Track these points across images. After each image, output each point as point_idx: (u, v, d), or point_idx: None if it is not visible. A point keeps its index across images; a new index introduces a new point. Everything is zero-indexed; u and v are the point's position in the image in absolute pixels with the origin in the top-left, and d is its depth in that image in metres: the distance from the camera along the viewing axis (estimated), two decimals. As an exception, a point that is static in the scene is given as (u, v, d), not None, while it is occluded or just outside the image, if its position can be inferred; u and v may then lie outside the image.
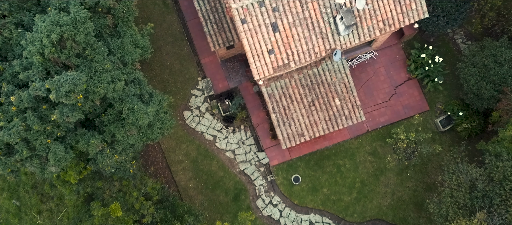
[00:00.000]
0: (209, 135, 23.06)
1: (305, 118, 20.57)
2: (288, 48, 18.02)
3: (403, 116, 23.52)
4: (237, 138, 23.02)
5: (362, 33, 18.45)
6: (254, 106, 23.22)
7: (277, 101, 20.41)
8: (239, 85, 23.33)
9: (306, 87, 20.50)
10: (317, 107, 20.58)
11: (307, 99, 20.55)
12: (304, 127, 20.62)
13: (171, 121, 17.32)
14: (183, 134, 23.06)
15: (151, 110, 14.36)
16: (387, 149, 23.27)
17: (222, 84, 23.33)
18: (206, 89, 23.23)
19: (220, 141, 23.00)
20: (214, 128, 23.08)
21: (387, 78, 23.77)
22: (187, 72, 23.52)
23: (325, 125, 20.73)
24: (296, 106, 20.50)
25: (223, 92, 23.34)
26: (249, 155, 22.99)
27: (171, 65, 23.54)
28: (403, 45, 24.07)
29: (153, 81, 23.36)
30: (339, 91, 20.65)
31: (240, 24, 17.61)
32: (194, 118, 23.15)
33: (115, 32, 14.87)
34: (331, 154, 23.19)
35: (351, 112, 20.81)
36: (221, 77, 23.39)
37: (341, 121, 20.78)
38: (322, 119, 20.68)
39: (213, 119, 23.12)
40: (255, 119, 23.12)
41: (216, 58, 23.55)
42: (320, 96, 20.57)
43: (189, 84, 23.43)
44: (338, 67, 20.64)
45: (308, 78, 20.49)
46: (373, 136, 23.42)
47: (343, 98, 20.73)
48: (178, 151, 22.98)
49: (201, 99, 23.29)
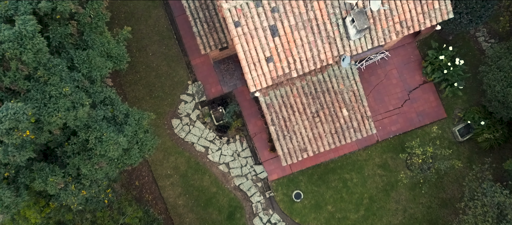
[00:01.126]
0: (200, 146, 20.63)
1: (308, 130, 18.12)
2: (290, 55, 15.43)
3: (417, 124, 21.06)
4: (231, 149, 20.61)
5: (376, 37, 15.83)
6: (251, 114, 20.73)
7: (277, 112, 17.93)
8: (234, 90, 20.81)
9: (310, 96, 17.99)
10: (322, 118, 18.11)
11: (311, 110, 18.07)
12: (307, 141, 18.18)
13: (153, 140, 14.88)
14: (172, 145, 20.64)
15: (123, 141, 11.88)
16: (398, 161, 20.89)
17: (215, 89, 20.81)
18: (197, 94, 20.71)
19: (213, 153, 20.59)
20: (206, 138, 20.64)
21: (399, 81, 21.23)
22: (176, 75, 20.97)
23: (331, 139, 18.28)
24: (298, 117, 18.03)
25: (216, 98, 20.82)
26: (245, 168, 20.61)
27: (157, 67, 20.97)
28: (418, 44, 21.45)
29: (137, 85, 20.83)
30: (347, 100, 18.15)
31: (233, 27, 14.99)
32: (184, 126, 20.69)
33: (82, 42, 12.30)
34: (336, 167, 20.82)
35: (361, 124, 18.35)
36: (214, 81, 20.85)
37: (349, 134, 18.33)
38: (328, 131, 18.23)
39: (205, 128, 20.67)
40: (252, 128, 20.67)
41: (208, 59, 20.96)
42: (325, 106, 18.08)
43: (178, 89, 20.91)
44: (346, 73, 18.10)
45: (312, 85, 17.97)
46: (384, 146, 21.00)
47: (352, 109, 18.25)
48: (166, 164, 20.59)
49: (191, 106, 20.80)
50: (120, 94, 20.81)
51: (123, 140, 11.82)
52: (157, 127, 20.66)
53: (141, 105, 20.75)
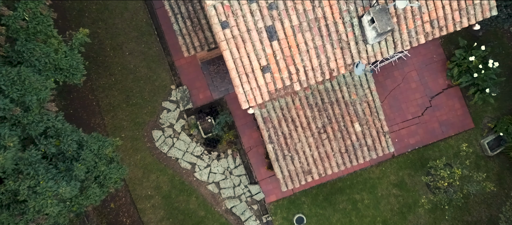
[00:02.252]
0: (186, 162, 17.61)
1: (314, 149, 15.07)
2: (291, 64, 12.28)
3: (440, 135, 18.01)
4: (222, 166, 17.61)
5: (400, 41, 12.64)
6: (245, 124, 17.67)
7: (275, 128, 14.86)
8: (225, 96, 17.69)
9: (315, 108, 14.89)
10: (330, 135, 15.04)
11: (317, 125, 14.99)
12: (312, 162, 15.15)
13: (120, 170, 11.88)
14: (152, 161, 17.62)
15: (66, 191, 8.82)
16: (417, 179, 17.91)
17: (203, 95, 17.69)
18: (181, 101, 17.61)
19: (201, 170, 17.59)
20: (192, 153, 17.61)
21: (420, 85, 18.09)
22: (157, 78, 17.82)
23: (340, 159, 15.25)
24: (301, 133, 14.97)
25: (204, 105, 17.73)
26: (238, 188, 17.63)
27: (135, 68, 17.81)
28: (442, 41, 18.24)
29: (112, 90, 17.70)
30: (360, 113, 15.06)
31: (220, 29, 11.79)
32: (167, 139, 17.64)
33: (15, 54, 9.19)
34: (345, 186, 17.85)
35: (376, 141, 15.29)
36: (201, 85, 17.71)
37: (362, 153, 15.29)
38: (337, 150, 15.18)
39: (191, 141, 17.61)
40: (246, 141, 17.63)
41: (195, 60, 17.80)
42: (334, 120, 14.99)
43: (160, 95, 17.79)
44: (360, 81, 14.96)
45: (318, 96, 14.85)
46: (400, 162, 17.99)
47: (366, 123, 15.16)
48: (146, 183, 17.62)
49: (175, 115, 17.71)
50: (92, 101, 17.72)
51: (67, 190, 8.83)
52: (135, 139, 17.62)
53: (116, 114, 17.67)
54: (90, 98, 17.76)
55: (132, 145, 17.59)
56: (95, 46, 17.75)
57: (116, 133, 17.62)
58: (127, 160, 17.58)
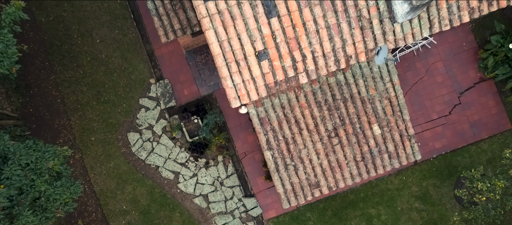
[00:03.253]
0: (168, 171, 14.73)
1: (323, 157, 12.19)
2: (296, 48, 9.38)
3: (471, 138, 15.14)
4: (212, 176, 14.73)
5: (437, 18, 9.73)
6: (239, 126, 14.79)
7: (275, 130, 11.97)
8: (215, 91, 14.81)
9: (325, 106, 12.01)
10: (342, 139, 12.16)
11: (326, 127, 12.11)
12: (320, 173, 12.27)
13: (73, 188, 9.02)
14: (128, 170, 14.75)
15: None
16: (444, 190, 15.05)
17: (188, 91, 14.81)
18: (163, 98, 14.72)
19: (186, 180, 14.72)
20: (175, 160, 14.73)
21: (447, 79, 15.22)
22: (134, 70, 14.93)
23: (355, 169, 12.37)
24: (307, 138, 12.08)
25: (189, 103, 14.84)
26: (231, 202, 14.76)
27: (108, 59, 14.91)
28: (473, 26, 15.35)
29: (80, 85, 14.81)
30: (380, 112, 12.18)
31: (201, 2, 8.88)
32: (145, 143, 14.76)
33: None
34: (358, 199, 14.99)
35: (399, 146, 12.41)
36: (186, 79, 14.83)
37: (381, 161, 12.41)
38: (351, 158, 12.30)
39: (174, 146, 14.73)
40: (240, 146, 14.75)
41: (179, 48, 14.91)
42: (347, 122, 12.11)
43: (137, 90, 14.90)
44: (380, 72, 12.08)
45: (328, 91, 11.96)
46: (424, 170, 15.13)
47: (387, 124, 12.29)
48: (120, 196, 14.74)
49: (154, 114, 14.82)
50: (55, 98, 14.83)
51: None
52: (108, 144, 14.73)
53: (85, 113, 14.79)
54: (53, 94, 14.87)
55: (104, 150, 14.72)
56: (60, 32, 14.86)
57: (84, 136, 14.74)
58: (97, 168, 14.71)
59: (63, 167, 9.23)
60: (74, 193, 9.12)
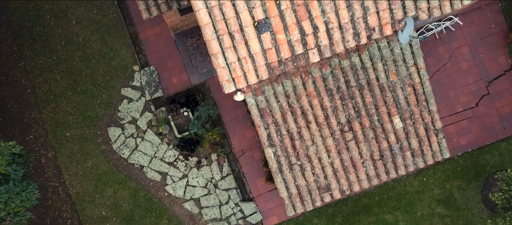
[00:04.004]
0: (154, 172, 12.82)
1: (334, 155, 10.28)
2: (305, 18, 7.47)
3: (501, 134, 13.26)
4: (204, 177, 12.82)
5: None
6: (235, 119, 12.88)
7: (278, 124, 10.07)
8: (208, 80, 12.91)
9: (337, 95, 10.11)
10: (357, 134, 10.27)
11: (339, 119, 10.22)
12: (331, 174, 10.37)
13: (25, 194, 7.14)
14: (108, 170, 12.83)
15: None
16: (470, 193, 13.17)
17: (177, 79, 12.90)
18: (148, 87, 12.81)
19: (174, 182, 12.81)
20: (162, 158, 12.81)
21: (473, 66, 13.33)
22: (115, 56, 13.01)
23: (373, 169, 10.46)
24: (316, 133, 10.19)
25: (178, 93, 12.93)
26: (226, 207, 12.85)
27: (85, 43, 12.99)
28: (503, 6, 13.45)
29: (53, 73, 12.89)
30: (402, 102, 10.29)
31: (185, -44, 6.94)
32: (128, 140, 12.84)
33: None
34: (372, 203, 13.10)
35: (424, 142, 10.52)
36: (175, 66, 12.91)
37: (403, 159, 10.52)
38: (368, 156, 10.40)
39: (161, 142, 12.81)
40: (237, 143, 12.84)
41: (167, 30, 12.99)
42: (363, 113, 10.22)
43: (118, 79, 12.99)
44: (402, 54, 10.18)
45: (342, 76, 10.07)
46: (447, 170, 13.25)
47: (410, 116, 10.40)
48: (99, 200, 12.83)
49: (139, 107, 12.91)
50: (25, 88, 12.92)
51: None
52: (85, 140, 12.82)
53: (58, 105, 12.88)
54: (23, 83, 12.96)
55: (81, 147, 12.81)
56: (30, 12, 12.94)
57: (58, 131, 12.84)
58: (73, 168, 12.81)
59: (12, 167, 7.35)
60: (28, 201, 7.24)
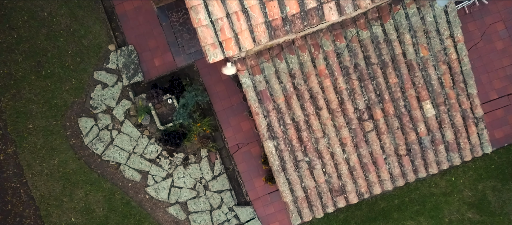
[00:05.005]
0: (132, 171, 10.80)
1: (350, 149, 8.27)
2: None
3: (543, 125, 11.27)
4: (192, 176, 10.80)
5: None
6: (229, 108, 10.86)
7: (280, 110, 8.07)
8: (196, 61, 10.88)
9: (354, 74, 8.10)
10: (379, 123, 8.26)
11: (356, 105, 8.22)
12: (347, 173, 8.36)
13: None
14: (78, 168, 10.82)
15: None
16: (507, 195, 11.18)
17: (160, 61, 10.86)
18: (125, 71, 10.78)
19: (157, 183, 10.78)
20: (143, 155, 10.79)
21: (510, 46, 11.31)
22: (87, 33, 10.96)
23: (397, 166, 8.45)
24: (328, 121, 8.18)
25: (162, 77, 10.89)
26: (218, 212, 10.82)
27: (51, 18, 10.95)
28: (545, -26, 11.42)
29: (13, 53, 10.86)
30: (435, 83, 8.29)
31: None
32: (101, 133, 10.82)
33: None
34: (391, 207, 11.10)
35: (461, 134, 8.50)
36: (158, 45, 10.88)
37: (435, 155, 8.51)
38: (391, 151, 8.39)
39: (141, 135, 10.79)
40: (231, 136, 10.81)
41: (148, 2, 10.94)
42: (387, 97, 8.21)
43: (90, 61, 10.96)
44: (436, 24, 8.17)
45: (360, 51, 8.07)
46: (479, 168, 11.24)
47: (444, 101, 8.40)
48: (68, 204, 10.82)
49: (115, 93, 10.88)
50: (-20, 70, 10.89)
51: None
52: (51, 133, 10.81)
53: (19, 91, 10.85)
54: (-22, 66, 10.93)
55: (46, 141, 10.79)
56: (-14, -18, 10.91)
57: (19, 122, 10.82)
58: (37, 166, 10.79)
59: None
60: None
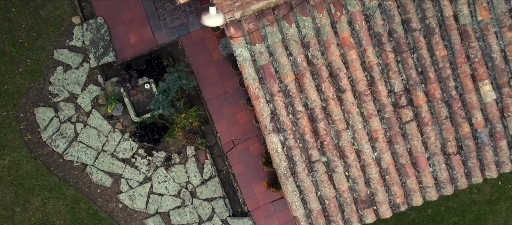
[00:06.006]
0: (101, 173, 8.65)
1: (382, 146, 6.14)
2: None
3: None
4: (176, 180, 8.65)
5: None
6: (222, 95, 8.70)
7: (289, 93, 5.94)
8: (181, 37, 8.71)
9: (388, 45, 5.97)
10: (421, 111, 6.13)
11: (391, 86, 6.09)
12: (377, 177, 6.22)
13: None
14: (34, 170, 8.67)
15: None
16: None
17: (137, 37, 8.70)
18: (94, 49, 8.62)
19: (132, 188, 8.64)
20: (114, 153, 8.64)
21: None
22: (45, 3, 8.79)
23: (445, 170, 6.32)
24: (353, 109, 6.05)
25: (139, 56, 8.72)
26: (208, 226, 8.69)
27: (1, -16, 8.79)
28: None
29: (-45, 29, 8.70)
30: (497, 56, 6.15)
31: None
32: (64, 126, 8.66)
33: None
34: (423, 218, 8.99)
35: (530, 126, 6.37)
36: (134, 18, 8.72)
37: (496, 153, 6.38)
38: (437, 149, 6.25)
39: (113, 129, 8.63)
40: (225, 130, 8.65)
41: (121, -36, 8.78)
42: (432, 76, 6.07)
43: (49, 37, 8.79)
44: (500, -25, 6.02)
45: (396, 13, 5.92)
46: (532, 169, 9.11)
47: (508, 81, 6.26)
48: (21, 215, 8.68)
49: (80, 77, 8.72)
50: None
51: None
52: (0, 126, 8.68)
53: (-39, 75, 8.71)
54: None
55: None
56: None
57: (-39, 113, 8.69)
58: (-18, 168, 8.66)
59: None
60: None
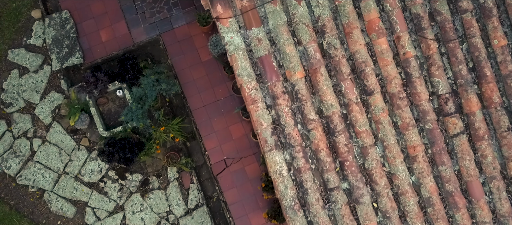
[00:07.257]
0: (62, 201, 7.01)
1: (423, 167, 4.53)
2: None
3: None
4: (155, 209, 7.01)
5: None
6: (212, 103, 7.12)
7: (297, 95, 4.36)
8: (162, 34, 7.18)
9: (430, 31, 4.41)
10: (474, 121, 4.53)
11: (433, 85, 4.50)
12: (416, 209, 4.60)
13: None
14: (-22, 198, 7.04)
15: None
16: None
17: (109, 34, 7.17)
18: (56, 48, 7.08)
19: (101, 220, 6.98)
20: (78, 176, 7.02)
21: None
22: (0, -6, 7.32)
23: (506, 199, 4.69)
24: (383, 116, 4.46)
25: (112, 58, 7.17)
26: (194, 267, 7.01)
27: None
28: None
29: None
30: None
31: None
32: (17, 142, 7.06)
33: None
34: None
35: None
36: (106, 11, 7.21)
37: None
38: (495, 171, 4.64)
39: (77, 146, 7.03)
40: (215, 146, 7.04)
41: None
42: (488, 72, 4.50)
43: (3, 33, 7.28)
44: None
45: (442, -15, 4.39)
46: None
47: None
48: (-39, 253, 7.01)
49: (39, 82, 7.16)
50: None
51: None
52: None
53: None
54: None
55: None
56: None
57: None
58: None
59: None
60: None
